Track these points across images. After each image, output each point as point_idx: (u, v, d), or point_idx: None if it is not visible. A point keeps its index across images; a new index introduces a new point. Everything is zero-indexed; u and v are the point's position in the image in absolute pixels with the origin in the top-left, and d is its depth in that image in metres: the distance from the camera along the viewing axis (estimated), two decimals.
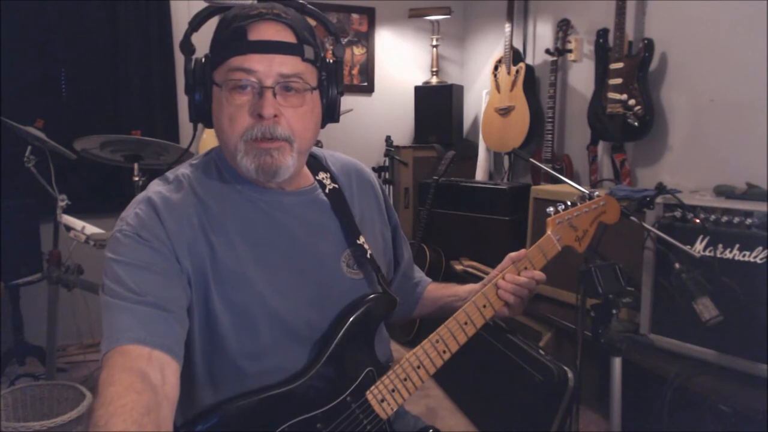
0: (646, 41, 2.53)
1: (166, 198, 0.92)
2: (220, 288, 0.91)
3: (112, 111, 3.32)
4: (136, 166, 2.35)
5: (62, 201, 2.34)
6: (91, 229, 2.26)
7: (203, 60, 0.94)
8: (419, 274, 1.29)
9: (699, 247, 1.76)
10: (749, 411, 1.59)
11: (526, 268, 1.08)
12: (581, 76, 3.07)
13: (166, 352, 0.81)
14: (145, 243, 0.87)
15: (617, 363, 1.41)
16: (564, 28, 3.05)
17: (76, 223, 2.29)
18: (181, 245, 0.89)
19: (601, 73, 2.71)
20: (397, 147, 3.83)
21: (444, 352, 1.01)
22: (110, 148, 2.37)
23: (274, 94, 0.89)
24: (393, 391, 0.96)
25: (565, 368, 1.68)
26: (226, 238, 0.93)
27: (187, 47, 0.95)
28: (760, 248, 1.66)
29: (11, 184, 2.89)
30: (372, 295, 1.00)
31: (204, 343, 0.92)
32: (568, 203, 1.17)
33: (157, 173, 1.02)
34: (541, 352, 1.81)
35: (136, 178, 2.34)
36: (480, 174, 3.80)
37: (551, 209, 1.15)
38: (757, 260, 1.67)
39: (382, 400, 0.95)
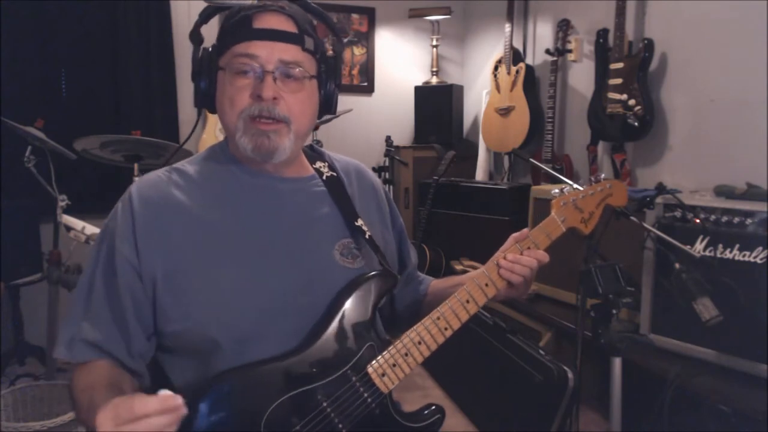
0: (646, 41, 2.53)
1: (143, 192, 0.98)
2: (199, 270, 0.94)
3: (112, 111, 3.32)
4: (136, 166, 2.35)
5: (62, 201, 2.34)
6: (91, 229, 2.26)
7: (210, 49, 1.01)
8: (423, 275, 1.31)
9: (699, 247, 1.76)
10: (749, 411, 1.59)
11: (529, 248, 1.08)
12: (581, 76, 3.07)
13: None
14: (116, 250, 0.95)
15: (617, 363, 1.41)
16: (564, 28, 3.04)
17: (76, 223, 2.29)
18: (148, 239, 0.95)
19: (601, 73, 2.71)
20: (397, 147, 3.83)
21: (445, 329, 1.01)
22: (110, 148, 2.37)
23: (275, 79, 0.95)
24: (394, 365, 0.97)
25: (565, 368, 1.68)
26: (212, 222, 0.98)
27: (196, 37, 1.02)
28: (760, 248, 1.66)
29: (11, 184, 2.90)
30: (373, 272, 1.02)
31: (180, 321, 0.94)
32: (574, 186, 1.17)
33: None
34: (541, 352, 1.81)
35: (136, 178, 2.33)
36: (480, 174, 3.80)
37: (556, 191, 1.15)
38: (757, 260, 1.67)
39: (383, 375, 0.96)
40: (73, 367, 0.96)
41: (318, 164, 1.12)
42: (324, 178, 1.10)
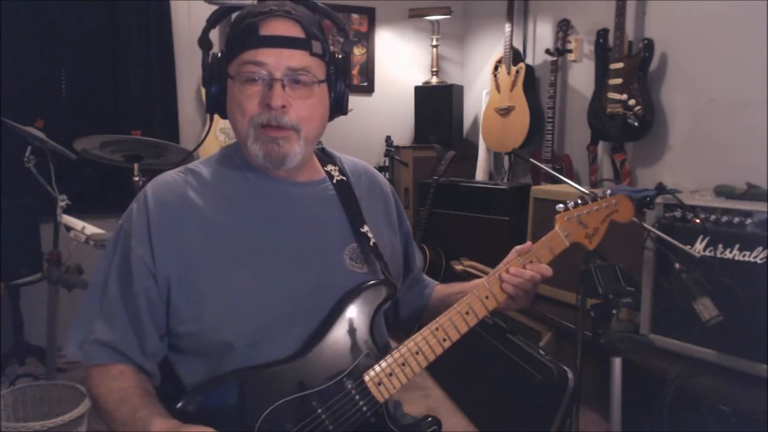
0: (646, 41, 2.53)
1: (158, 193, 0.99)
2: (212, 273, 0.95)
3: (112, 111, 3.32)
4: (136, 166, 2.35)
5: (62, 201, 2.34)
6: (91, 229, 2.26)
7: (219, 55, 1.00)
8: (428, 279, 1.31)
9: (699, 247, 1.76)
10: (749, 411, 1.59)
11: (531, 262, 1.07)
12: (581, 76, 3.07)
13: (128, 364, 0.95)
14: (131, 251, 0.95)
15: (617, 363, 1.41)
16: (564, 28, 3.05)
17: (76, 223, 2.29)
18: (163, 241, 0.95)
19: (601, 73, 2.71)
20: (397, 147, 3.83)
21: (444, 340, 1.01)
22: (110, 148, 2.37)
23: (283, 86, 0.94)
24: (390, 375, 0.96)
25: (565, 368, 1.68)
26: (226, 225, 0.98)
27: (205, 43, 1.02)
28: (760, 248, 1.66)
29: (11, 184, 2.90)
30: (372, 281, 1.02)
31: (192, 323, 0.95)
32: (579, 201, 1.16)
33: (157, 173, 1.05)
34: (541, 352, 1.82)
35: (136, 178, 2.33)
36: (480, 174, 3.80)
37: (561, 206, 1.14)
38: (757, 260, 1.67)
39: (379, 384, 0.96)
40: (86, 369, 0.96)
41: (329, 167, 1.12)
42: (334, 181, 1.10)
